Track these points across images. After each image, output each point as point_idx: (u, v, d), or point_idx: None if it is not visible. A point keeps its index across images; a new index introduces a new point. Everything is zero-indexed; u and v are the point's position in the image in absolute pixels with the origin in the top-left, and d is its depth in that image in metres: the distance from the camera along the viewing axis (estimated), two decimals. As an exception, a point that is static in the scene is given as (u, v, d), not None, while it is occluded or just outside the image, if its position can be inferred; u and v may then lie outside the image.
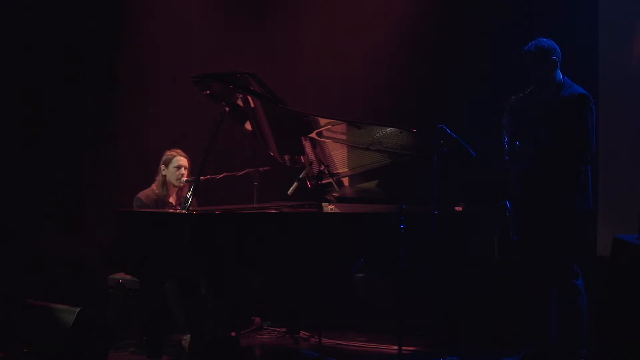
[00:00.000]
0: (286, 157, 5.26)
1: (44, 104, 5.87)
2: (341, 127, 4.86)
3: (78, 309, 4.58)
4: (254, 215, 4.72)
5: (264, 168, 5.46)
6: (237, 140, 5.54)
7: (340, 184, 5.14)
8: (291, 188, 5.10)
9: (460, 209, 4.71)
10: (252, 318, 5.72)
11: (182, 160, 5.36)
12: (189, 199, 4.40)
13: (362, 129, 4.78)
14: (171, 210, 4.97)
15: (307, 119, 4.86)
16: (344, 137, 4.93)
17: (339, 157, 5.02)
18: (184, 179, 5.31)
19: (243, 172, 5.41)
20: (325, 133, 4.92)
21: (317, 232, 4.46)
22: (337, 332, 5.45)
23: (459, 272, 4.85)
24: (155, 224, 4.47)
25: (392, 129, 4.67)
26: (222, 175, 5.27)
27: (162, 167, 5.38)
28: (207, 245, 4.29)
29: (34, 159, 5.82)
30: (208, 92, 4.82)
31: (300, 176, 5.15)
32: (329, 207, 5.11)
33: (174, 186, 5.39)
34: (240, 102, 4.94)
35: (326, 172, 4.94)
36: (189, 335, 5.04)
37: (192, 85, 4.81)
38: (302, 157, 5.20)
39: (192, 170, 5.35)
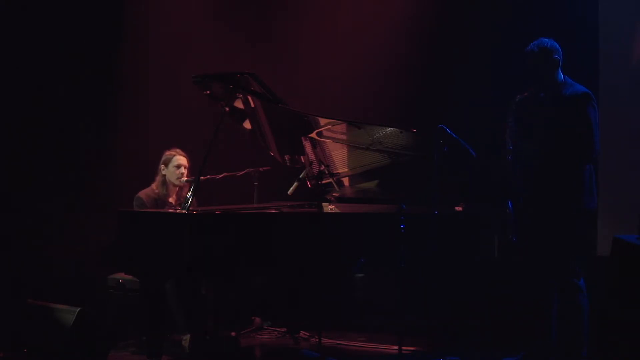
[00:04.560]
0: (286, 157, 5.26)
1: (44, 104, 5.87)
2: (341, 127, 4.86)
3: (78, 309, 4.59)
4: (254, 215, 4.72)
5: (264, 168, 5.47)
6: (237, 140, 5.53)
7: (340, 184, 5.14)
8: (291, 188, 5.10)
9: (460, 209, 4.71)
10: (252, 318, 5.72)
11: (181, 159, 5.37)
12: (189, 199, 4.40)
13: (362, 129, 4.78)
14: (171, 210, 4.97)
15: (307, 119, 4.86)
16: (344, 137, 4.93)
17: (339, 157, 5.02)
18: (184, 178, 5.32)
19: (243, 172, 5.41)
20: (325, 133, 4.92)
21: (317, 232, 4.46)
22: (337, 332, 5.45)
23: (459, 272, 4.85)
24: (155, 223, 4.47)
25: (392, 129, 4.67)
26: (222, 175, 5.28)
27: (162, 166, 5.39)
28: (207, 245, 4.29)
29: (34, 159, 5.82)
30: (208, 92, 4.82)
31: (300, 176, 5.15)
32: (329, 207, 5.11)
33: (174, 186, 5.39)
34: (240, 102, 4.94)
35: (326, 172, 4.94)
36: (189, 335, 5.04)
37: (192, 85, 4.81)
38: (302, 157, 5.20)
39: (192, 170, 5.36)
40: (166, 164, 5.38)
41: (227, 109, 4.66)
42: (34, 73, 5.80)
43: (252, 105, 4.96)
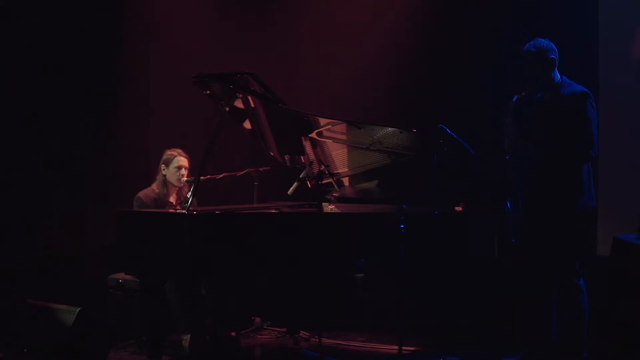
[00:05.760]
0: (286, 157, 5.26)
1: (44, 103, 5.86)
2: (341, 127, 4.86)
3: (78, 309, 4.59)
4: (254, 215, 4.72)
5: (264, 168, 5.46)
6: (237, 140, 5.53)
7: (340, 184, 5.14)
8: (291, 188, 5.11)
9: (460, 209, 4.71)
10: (252, 318, 5.72)
11: (182, 160, 5.36)
12: (189, 199, 4.40)
13: (362, 128, 4.78)
14: (171, 210, 4.97)
15: (307, 119, 4.86)
16: (344, 137, 4.93)
17: (339, 157, 5.02)
18: (184, 179, 5.32)
19: (243, 172, 5.41)
20: (325, 133, 4.92)
21: (317, 232, 4.46)
22: (337, 332, 5.45)
23: (458, 272, 4.85)
24: (156, 223, 4.47)
25: (392, 128, 4.67)
26: (222, 175, 5.27)
27: (163, 166, 5.38)
28: (207, 245, 4.29)
29: (34, 158, 5.81)
30: (208, 92, 4.82)
31: (300, 176, 5.15)
32: (329, 207, 5.11)
33: (174, 186, 5.39)
34: (240, 102, 4.94)
35: (326, 172, 4.93)
36: (189, 335, 5.04)
37: (192, 85, 4.81)
38: (302, 157, 5.20)
39: (192, 170, 5.35)
40: (167, 164, 5.37)
41: (227, 109, 4.66)
42: (33, 72, 5.79)
43: (252, 105, 4.96)
